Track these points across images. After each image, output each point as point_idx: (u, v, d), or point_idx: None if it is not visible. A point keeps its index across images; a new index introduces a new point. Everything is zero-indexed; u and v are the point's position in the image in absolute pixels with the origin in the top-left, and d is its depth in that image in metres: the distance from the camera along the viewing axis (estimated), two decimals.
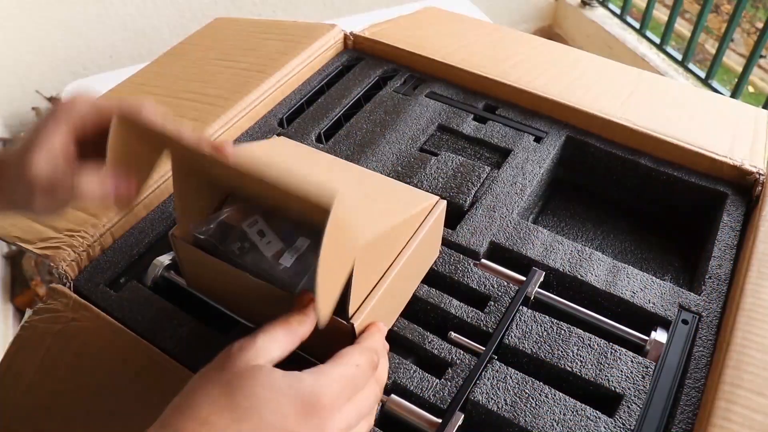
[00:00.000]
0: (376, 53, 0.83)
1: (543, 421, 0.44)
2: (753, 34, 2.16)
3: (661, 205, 0.69)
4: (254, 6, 1.74)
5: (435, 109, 0.73)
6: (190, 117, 0.69)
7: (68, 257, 0.55)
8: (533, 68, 0.75)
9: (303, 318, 0.38)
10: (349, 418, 0.35)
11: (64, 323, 0.51)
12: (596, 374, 0.47)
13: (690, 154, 0.65)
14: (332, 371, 0.35)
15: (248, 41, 0.84)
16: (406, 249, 0.45)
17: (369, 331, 0.42)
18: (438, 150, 0.69)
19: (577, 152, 0.70)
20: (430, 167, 0.65)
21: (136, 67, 0.84)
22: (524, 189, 0.63)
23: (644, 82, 0.74)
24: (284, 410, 0.32)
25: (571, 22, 2.20)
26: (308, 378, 0.34)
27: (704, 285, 0.55)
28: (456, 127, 0.71)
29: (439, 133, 0.72)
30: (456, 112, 0.73)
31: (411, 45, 0.80)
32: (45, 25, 1.50)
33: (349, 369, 0.35)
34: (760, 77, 2.10)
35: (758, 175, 0.62)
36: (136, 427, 0.31)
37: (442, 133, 0.72)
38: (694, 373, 0.48)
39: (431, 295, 0.53)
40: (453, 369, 0.48)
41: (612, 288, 0.54)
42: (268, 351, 0.35)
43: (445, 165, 0.65)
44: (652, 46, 1.85)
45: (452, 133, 0.71)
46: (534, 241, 0.57)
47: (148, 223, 0.60)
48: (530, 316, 0.51)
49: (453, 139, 0.71)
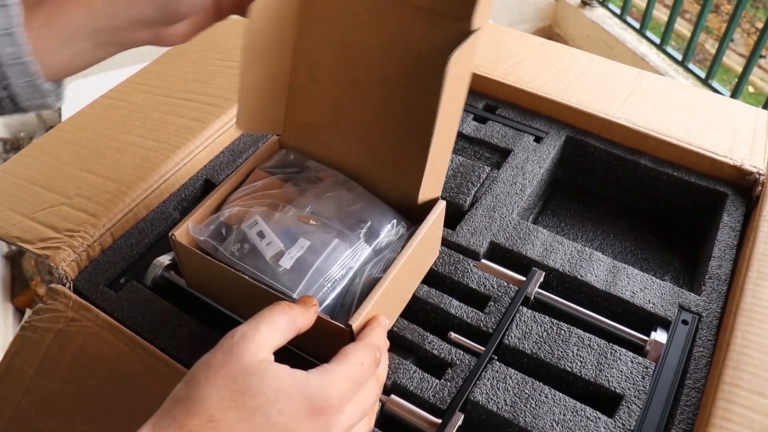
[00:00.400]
0: None
1: (543, 421, 0.44)
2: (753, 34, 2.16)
3: (661, 205, 0.69)
4: None
5: None
6: (190, 117, 0.69)
7: (68, 257, 0.55)
8: (533, 68, 0.75)
9: (304, 311, 0.38)
10: (352, 416, 0.34)
11: (64, 323, 0.51)
12: (596, 374, 0.47)
13: (690, 154, 0.65)
14: (338, 370, 0.35)
15: None
16: (406, 249, 0.45)
17: (371, 326, 0.41)
18: None
19: (577, 152, 0.70)
20: None
21: (136, 67, 0.84)
22: (524, 189, 0.63)
23: (644, 82, 0.74)
24: (291, 411, 0.32)
25: (571, 22, 2.20)
26: (315, 378, 0.33)
27: (704, 285, 0.55)
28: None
29: None
30: None
31: None
32: None
33: (353, 368, 0.35)
34: (760, 77, 2.10)
35: (758, 175, 0.62)
36: (136, 427, 0.31)
37: None
38: (694, 374, 0.48)
39: (431, 295, 0.53)
40: (453, 369, 0.48)
41: (612, 288, 0.54)
42: (270, 340, 0.34)
43: None
44: (652, 46, 1.85)
45: None
46: (534, 241, 0.57)
47: (148, 223, 0.60)
48: (530, 317, 0.51)
49: None
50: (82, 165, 0.65)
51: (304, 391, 0.32)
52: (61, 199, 0.61)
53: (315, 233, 0.47)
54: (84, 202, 0.60)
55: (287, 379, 0.33)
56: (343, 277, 0.45)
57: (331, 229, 0.48)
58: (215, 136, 0.68)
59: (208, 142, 0.67)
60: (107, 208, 0.59)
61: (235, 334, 0.34)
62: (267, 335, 0.34)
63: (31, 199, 0.61)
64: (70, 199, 0.61)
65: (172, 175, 0.63)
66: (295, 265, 0.45)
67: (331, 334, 0.41)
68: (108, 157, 0.65)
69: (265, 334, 0.34)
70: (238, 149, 0.68)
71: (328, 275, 0.45)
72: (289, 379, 0.33)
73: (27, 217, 0.59)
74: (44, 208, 0.60)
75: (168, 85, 0.78)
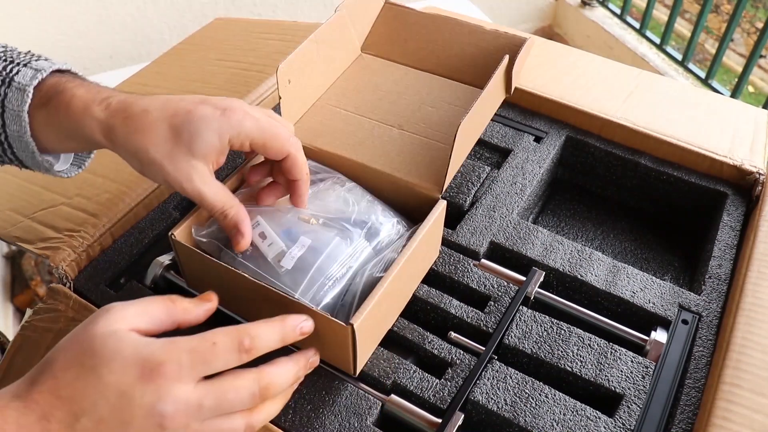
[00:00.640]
0: None
1: (543, 421, 0.44)
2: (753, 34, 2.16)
3: (661, 205, 0.69)
4: (254, 6, 1.74)
5: None
6: None
7: (68, 257, 0.55)
8: (533, 68, 0.75)
9: (192, 307, 0.38)
10: (199, 400, 0.33)
11: (64, 323, 0.51)
12: (596, 374, 0.47)
13: (690, 154, 0.65)
14: (183, 341, 0.34)
15: (248, 41, 0.84)
16: (406, 250, 0.45)
17: (266, 322, 0.38)
18: None
19: (577, 152, 0.70)
20: None
21: (136, 67, 0.84)
22: (524, 189, 0.63)
23: (644, 82, 0.74)
24: (122, 371, 0.32)
25: (571, 22, 2.20)
26: (155, 343, 0.34)
27: (704, 285, 0.55)
28: None
29: None
30: None
31: None
32: (45, 25, 1.50)
33: (203, 344, 0.34)
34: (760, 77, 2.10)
35: (758, 175, 0.62)
36: None
37: None
38: (694, 373, 0.48)
39: (431, 295, 0.53)
40: (453, 369, 0.48)
41: (612, 288, 0.54)
42: (131, 319, 0.35)
43: None
44: (652, 46, 1.85)
45: None
46: (534, 241, 0.57)
47: (148, 223, 0.60)
48: (530, 316, 0.51)
49: None
50: None
51: (139, 354, 0.33)
52: (61, 199, 0.61)
53: (315, 232, 0.47)
54: (84, 202, 0.60)
55: (127, 342, 0.33)
56: (343, 276, 0.45)
57: (332, 229, 0.48)
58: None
59: None
60: (107, 208, 0.59)
61: (102, 308, 0.35)
62: (129, 312, 0.35)
63: (31, 199, 0.61)
64: (70, 199, 0.61)
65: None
66: (296, 265, 0.45)
67: (331, 332, 0.41)
68: (108, 157, 0.65)
69: (128, 311, 0.35)
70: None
71: (328, 274, 0.45)
72: (130, 342, 0.33)
73: (27, 217, 0.59)
74: (44, 208, 0.60)
75: (168, 85, 0.78)
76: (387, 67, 0.66)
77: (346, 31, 0.64)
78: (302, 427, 0.44)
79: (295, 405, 0.45)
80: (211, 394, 0.34)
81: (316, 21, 0.88)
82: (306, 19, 1.72)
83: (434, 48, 0.66)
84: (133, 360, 0.32)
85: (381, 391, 0.46)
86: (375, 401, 0.45)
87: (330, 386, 0.46)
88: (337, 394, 0.46)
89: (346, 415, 0.45)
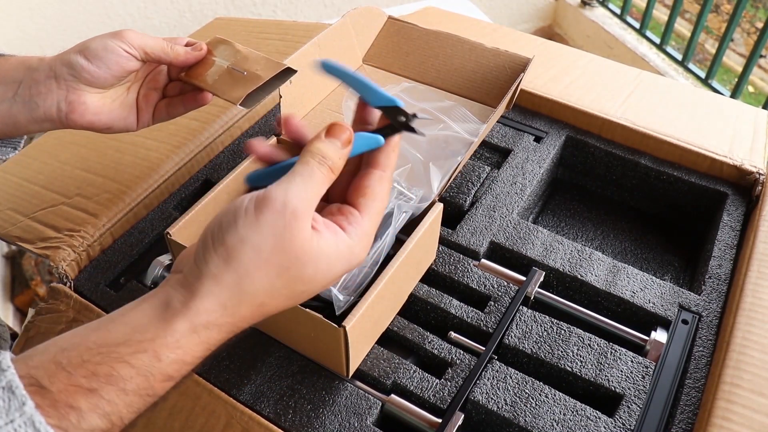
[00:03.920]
0: None
1: (543, 421, 0.44)
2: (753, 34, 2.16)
3: (661, 205, 0.69)
4: (254, 6, 1.74)
5: None
6: (190, 117, 0.69)
7: (68, 257, 0.55)
8: (533, 68, 0.75)
9: (337, 150, 0.34)
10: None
11: (66, 323, 0.51)
12: (596, 374, 0.47)
13: (690, 154, 0.65)
14: (370, 225, 0.35)
15: (248, 41, 0.84)
16: (401, 252, 0.45)
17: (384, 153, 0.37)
18: None
19: (577, 152, 0.70)
20: None
21: None
22: (524, 189, 0.63)
23: (644, 82, 0.74)
24: (333, 279, 0.33)
25: (571, 22, 2.20)
26: (357, 246, 0.34)
27: (704, 285, 0.55)
28: None
29: None
30: None
31: None
32: (45, 25, 1.50)
33: (377, 217, 0.35)
34: (760, 77, 2.10)
35: (758, 175, 0.62)
36: (136, 428, 0.31)
37: None
38: (694, 373, 0.48)
39: (431, 295, 0.53)
40: (453, 369, 0.48)
41: (612, 288, 0.54)
42: (313, 205, 0.32)
43: None
44: (652, 46, 1.85)
45: None
46: (534, 241, 0.57)
47: (148, 223, 0.60)
48: (530, 316, 0.51)
49: None
50: (82, 165, 0.65)
51: (349, 263, 0.33)
52: (61, 199, 0.61)
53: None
54: (84, 201, 0.60)
55: (338, 259, 0.33)
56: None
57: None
58: (215, 136, 0.68)
59: (208, 142, 0.67)
60: (107, 208, 0.59)
61: (285, 211, 0.30)
62: (312, 201, 0.32)
63: (31, 199, 0.61)
64: (70, 198, 0.61)
65: (172, 175, 0.63)
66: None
67: (324, 333, 0.41)
68: (108, 157, 0.65)
69: (311, 200, 0.32)
70: (238, 149, 0.68)
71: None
72: (339, 257, 0.33)
73: (27, 217, 0.59)
74: (44, 208, 0.60)
75: None
76: (387, 79, 0.66)
77: (348, 41, 0.64)
78: (302, 427, 0.44)
79: (295, 405, 0.45)
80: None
81: (316, 21, 0.88)
82: (306, 19, 1.72)
83: (434, 62, 0.66)
84: (343, 269, 0.34)
85: (381, 391, 0.47)
86: (375, 401, 0.45)
87: (330, 386, 0.46)
88: (337, 393, 0.46)
89: (346, 415, 0.45)
